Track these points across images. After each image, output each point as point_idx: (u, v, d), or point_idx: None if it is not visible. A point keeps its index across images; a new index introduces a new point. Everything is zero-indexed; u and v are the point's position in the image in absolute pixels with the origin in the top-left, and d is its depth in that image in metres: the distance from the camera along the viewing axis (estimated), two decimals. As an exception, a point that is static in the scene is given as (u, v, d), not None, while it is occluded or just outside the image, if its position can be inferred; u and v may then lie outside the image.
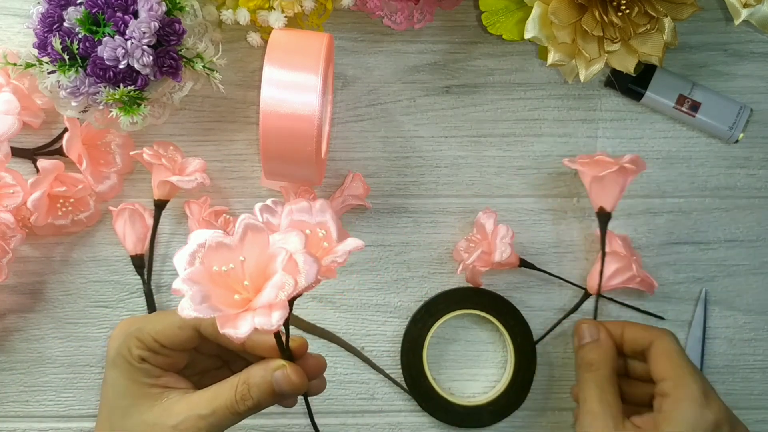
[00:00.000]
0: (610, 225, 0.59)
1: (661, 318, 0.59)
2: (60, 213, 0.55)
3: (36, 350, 0.58)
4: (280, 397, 0.38)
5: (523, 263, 0.58)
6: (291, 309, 0.35)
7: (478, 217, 0.57)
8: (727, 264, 0.60)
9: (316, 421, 0.58)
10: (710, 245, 0.60)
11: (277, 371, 0.37)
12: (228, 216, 0.57)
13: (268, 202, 0.38)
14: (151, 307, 0.57)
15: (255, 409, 0.38)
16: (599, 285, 0.56)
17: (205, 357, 0.42)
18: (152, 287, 0.58)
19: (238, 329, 0.32)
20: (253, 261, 0.34)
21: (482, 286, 0.58)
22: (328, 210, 0.38)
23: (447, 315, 0.58)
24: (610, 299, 0.59)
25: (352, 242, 0.37)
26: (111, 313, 0.58)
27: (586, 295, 0.58)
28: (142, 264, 0.57)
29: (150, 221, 0.57)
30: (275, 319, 0.32)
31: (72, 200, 0.55)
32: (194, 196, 0.57)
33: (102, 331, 0.58)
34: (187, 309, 0.32)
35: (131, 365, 0.39)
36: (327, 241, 0.37)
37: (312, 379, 0.40)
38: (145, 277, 0.57)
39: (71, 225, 0.56)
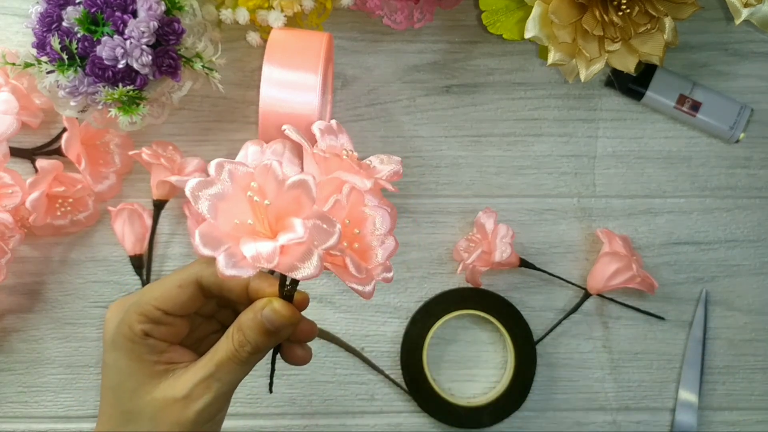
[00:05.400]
0: (611, 225, 0.59)
1: (662, 318, 0.59)
2: (59, 213, 0.55)
3: (35, 351, 0.58)
4: (275, 334, 0.37)
5: (524, 263, 0.58)
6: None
7: (478, 217, 0.57)
8: (728, 264, 0.60)
9: (316, 421, 0.58)
10: (711, 245, 0.60)
11: (265, 308, 0.37)
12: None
13: (333, 123, 0.36)
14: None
15: (256, 353, 0.37)
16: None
17: (202, 321, 0.41)
18: (151, 287, 0.58)
19: (257, 253, 0.30)
20: (282, 208, 0.32)
21: (482, 287, 0.58)
22: (344, 131, 0.37)
23: (447, 315, 0.58)
24: (611, 299, 0.59)
25: (391, 165, 0.35)
26: (110, 313, 0.58)
27: (587, 295, 0.58)
28: (141, 264, 0.57)
29: (149, 221, 0.56)
30: (315, 261, 0.30)
31: (71, 200, 0.55)
32: (193, 196, 0.57)
33: (101, 332, 0.58)
34: (202, 191, 0.31)
35: (134, 343, 0.37)
36: (354, 163, 0.35)
37: (299, 310, 0.39)
38: (144, 277, 0.57)
39: (70, 225, 0.56)
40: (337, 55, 0.58)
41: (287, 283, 0.37)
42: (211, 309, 0.41)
